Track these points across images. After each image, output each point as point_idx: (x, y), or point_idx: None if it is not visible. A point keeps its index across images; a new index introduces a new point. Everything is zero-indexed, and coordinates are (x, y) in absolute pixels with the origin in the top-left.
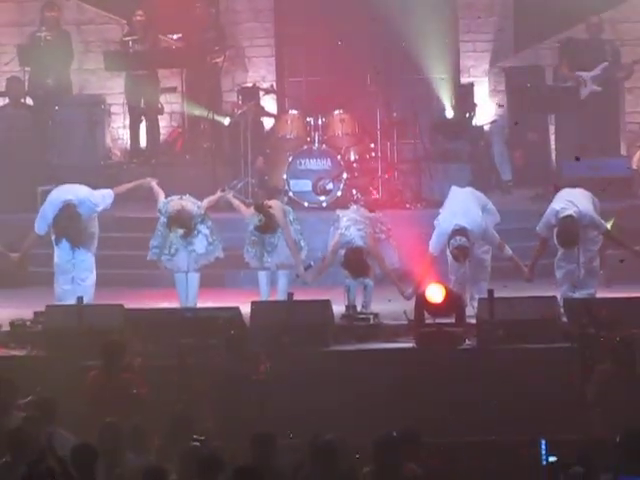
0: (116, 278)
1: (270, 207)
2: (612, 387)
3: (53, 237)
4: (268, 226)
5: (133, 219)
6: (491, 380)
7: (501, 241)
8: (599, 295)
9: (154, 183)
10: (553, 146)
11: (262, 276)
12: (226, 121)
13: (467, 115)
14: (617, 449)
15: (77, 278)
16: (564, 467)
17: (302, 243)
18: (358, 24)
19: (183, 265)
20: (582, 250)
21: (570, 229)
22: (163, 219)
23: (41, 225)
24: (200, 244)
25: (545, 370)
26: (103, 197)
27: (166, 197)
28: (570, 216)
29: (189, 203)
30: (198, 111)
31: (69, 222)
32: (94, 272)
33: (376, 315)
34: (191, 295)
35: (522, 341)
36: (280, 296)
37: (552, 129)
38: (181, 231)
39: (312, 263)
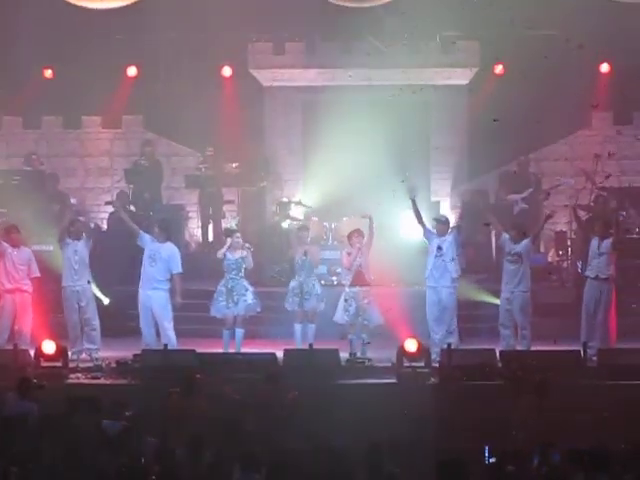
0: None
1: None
2: (531, 413)
3: None
4: None
5: None
6: (448, 405)
7: None
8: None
9: None
10: (494, 245)
11: (297, 329)
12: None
13: None
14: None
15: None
16: (500, 466)
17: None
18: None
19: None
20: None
21: None
22: None
23: None
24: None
25: (486, 399)
26: None
27: None
28: None
29: None
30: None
31: None
32: None
33: (370, 360)
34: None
35: (470, 379)
36: (305, 344)
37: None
38: None
39: None
